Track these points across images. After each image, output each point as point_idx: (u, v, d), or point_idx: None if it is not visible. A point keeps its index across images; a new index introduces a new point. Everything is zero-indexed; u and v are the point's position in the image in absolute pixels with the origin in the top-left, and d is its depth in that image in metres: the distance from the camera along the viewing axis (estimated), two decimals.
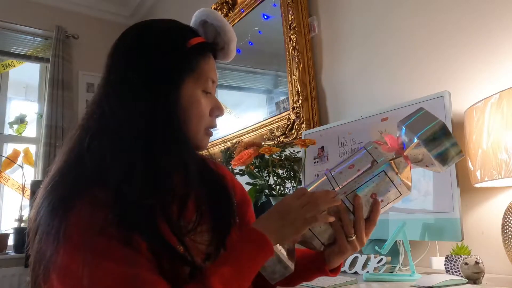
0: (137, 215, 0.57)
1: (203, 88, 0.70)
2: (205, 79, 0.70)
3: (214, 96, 0.74)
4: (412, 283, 0.98)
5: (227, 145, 2.21)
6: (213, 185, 0.75)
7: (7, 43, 3.05)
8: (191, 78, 0.68)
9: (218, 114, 0.74)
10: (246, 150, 1.60)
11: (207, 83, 0.71)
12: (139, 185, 0.58)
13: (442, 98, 1.12)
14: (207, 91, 0.71)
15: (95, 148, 0.61)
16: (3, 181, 2.78)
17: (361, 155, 0.69)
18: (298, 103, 1.77)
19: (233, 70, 2.51)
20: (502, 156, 0.87)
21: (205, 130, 0.72)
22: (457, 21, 1.26)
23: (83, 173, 0.59)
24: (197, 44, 0.70)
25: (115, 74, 0.67)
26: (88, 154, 0.60)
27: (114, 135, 0.62)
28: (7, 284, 2.51)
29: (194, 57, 0.69)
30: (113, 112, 0.64)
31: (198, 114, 0.69)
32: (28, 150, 2.78)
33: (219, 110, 0.73)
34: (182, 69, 0.68)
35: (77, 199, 0.56)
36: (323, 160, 1.50)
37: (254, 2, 2.10)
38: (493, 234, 1.07)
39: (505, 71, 1.12)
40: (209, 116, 0.72)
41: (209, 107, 0.72)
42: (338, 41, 1.69)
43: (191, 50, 0.69)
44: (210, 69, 0.72)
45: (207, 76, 0.71)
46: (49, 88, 2.98)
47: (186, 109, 0.68)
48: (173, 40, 0.69)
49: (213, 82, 0.72)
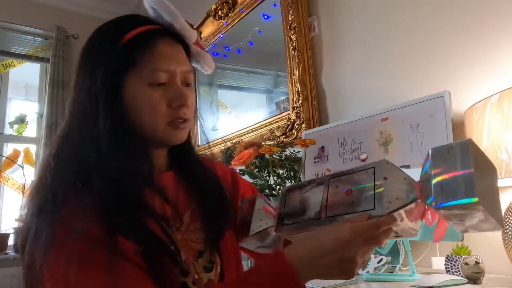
0: (121, 215, 0.57)
1: (150, 81, 0.64)
2: (149, 71, 0.64)
3: (175, 84, 0.67)
4: (412, 283, 0.98)
5: (227, 145, 2.21)
6: (204, 184, 0.74)
7: (7, 43, 3.05)
8: (132, 75, 0.65)
9: (180, 104, 0.66)
10: (246, 150, 1.60)
11: (154, 74, 0.64)
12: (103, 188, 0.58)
13: (442, 98, 1.12)
14: (156, 83, 0.65)
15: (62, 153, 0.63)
16: (4, 181, 2.78)
17: None
18: (298, 103, 1.77)
19: (233, 70, 2.51)
20: (502, 156, 0.87)
21: (168, 124, 0.66)
22: (457, 21, 1.26)
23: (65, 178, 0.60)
24: (133, 37, 0.65)
25: (74, 79, 0.69)
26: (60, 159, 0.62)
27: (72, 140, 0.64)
28: (7, 284, 2.51)
29: (131, 52, 0.64)
30: (71, 118, 0.66)
31: (149, 110, 0.65)
32: (28, 150, 2.78)
33: (178, 99, 0.66)
34: (120, 68, 0.64)
35: (62, 204, 0.57)
36: (323, 160, 1.50)
37: (254, 2, 2.10)
38: (493, 234, 1.07)
39: (505, 71, 1.12)
40: (170, 108, 0.66)
41: (164, 99, 0.65)
42: (338, 41, 1.69)
43: (127, 46, 0.64)
44: (158, 58, 0.65)
45: (151, 67, 0.64)
46: (49, 88, 2.98)
47: (134, 106, 0.65)
48: (110, 39, 0.66)
49: (166, 71, 0.65)
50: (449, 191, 0.48)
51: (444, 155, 0.50)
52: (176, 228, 0.67)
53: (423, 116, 1.16)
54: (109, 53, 0.65)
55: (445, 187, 0.48)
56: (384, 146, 1.28)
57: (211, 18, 2.45)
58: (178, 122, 0.67)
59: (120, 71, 0.64)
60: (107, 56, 0.64)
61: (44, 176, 0.62)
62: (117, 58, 0.64)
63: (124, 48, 0.64)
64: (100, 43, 0.67)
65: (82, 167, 0.60)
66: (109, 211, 0.57)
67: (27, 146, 2.84)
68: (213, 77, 2.61)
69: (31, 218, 0.59)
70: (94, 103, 0.63)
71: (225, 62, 2.44)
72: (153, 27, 0.68)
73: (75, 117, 0.65)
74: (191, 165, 0.76)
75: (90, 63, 0.66)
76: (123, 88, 0.65)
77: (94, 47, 0.67)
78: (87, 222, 0.56)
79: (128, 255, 0.56)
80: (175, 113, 0.66)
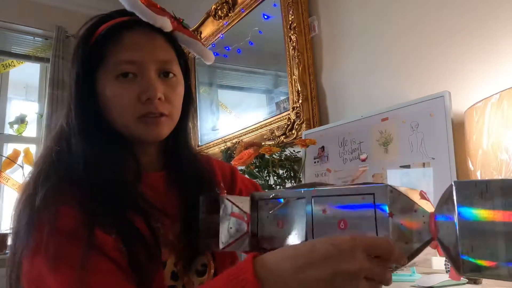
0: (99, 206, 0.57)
1: (115, 73, 0.62)
2: (114, 63, 0.62)
3: (145, 76, 0.63)
4: (412, 283, 0.98)
5: (227, 145, 2.21)
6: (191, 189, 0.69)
7: (7, 43, 3.05)
8: (101, 69, 0.64)
9: (149, 97, 0.62)
10: (246, 150, 1.60)
11: (118, 66, 0.62)
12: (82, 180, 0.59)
13: (442, 98, 1.12)
14: (121, 74, 0.62)
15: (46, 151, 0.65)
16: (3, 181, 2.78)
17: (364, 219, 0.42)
18: (298, 103, 1.77)
19: (233, 70, 2.51)
20: (503, 156, 0.87)
21: (140, 119, 0.63)
22: (457, 21, 1.26)
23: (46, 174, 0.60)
24: (102, 32, 0.64)
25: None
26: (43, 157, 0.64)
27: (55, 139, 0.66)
28: None
29: (101, 46, 0.63)
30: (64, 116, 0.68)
31: (117, 105, 0.63)
32: (28, 150, 2.77)
33: (146, 92, 0.62)
34: (89, 65, 0.64)
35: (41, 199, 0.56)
36: (323, 160, 1.50)
37: (254, 2, 2.10)
38: None
39: (505, 71, 1.12)
40: (138, 102, 0.62)
41: (132, 93, 0.62)
42: (338, 41, 1.69)
43: (98, 40, 0.64)
44: (122, 49, 0.62)
45: (116, 59, 0.62)
46: (49, 88, 2.98)
47: (105, 103, 0.64)
48: (83, 38, 0.66)
49: (130, 62, 0.62)
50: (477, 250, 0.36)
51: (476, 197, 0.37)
52: (167, 228, 0.64)
53: (423, 116, 1.17)
54: (81, 51, 0.65)
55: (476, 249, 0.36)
56: (384, 146, 1.28)
57: (211, 18, 2.45)
58: (149, 117, 0.63)
59: (91, 68, 0.64)
60: (79, 55, 0.65)
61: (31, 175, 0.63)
62: (87, 56, 0.64)
63: (94, 44, 0.64)
64: (77, 42, 0.67)
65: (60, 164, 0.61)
66: (87, 203, 0.56)
67: (27, 146, 2.83)
68: (213, 77, 2.61)
69: (16, 217, 0.60)
70: (69, 103, 0.66)
71: (225, 62, 2.44)
72: (122, 19, 0.66)
73: (60, 116, 0.68)
74: (183, 166, 0.71)
75: (70, 64, 0.68)
76: (95, 85, 0.64)
77: (75, 47, 0.68)
78: (63, 215, 0.55)
79: (105, 250, 0.54)
80: (145, 108, 0.62)
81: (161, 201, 0.65)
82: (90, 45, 0.64)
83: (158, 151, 0.71)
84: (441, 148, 1.10)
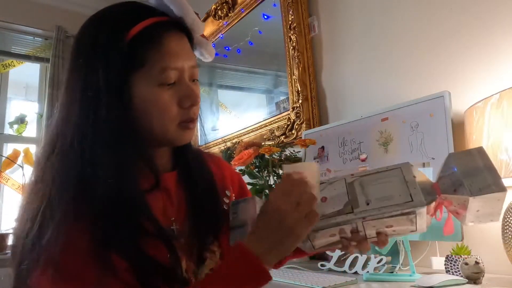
0: (116, 232, 0.54)
1: (160, 81, 0.60)
2: (159, 70, 0.59)
3: (184, 82, 0.62)
4: (412, 283, 0.98)
5: (227, 145, 2.21)
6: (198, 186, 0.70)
7: (7, 43, 3.05)
8: (140, 74, 0.59)
9: (191, 104, 0.62)
10: (246, 150, 1.60)
11: (164, 74, 0.60)
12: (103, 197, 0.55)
13: (442, 98, 1.12)
14: (167, 83, 0.60)
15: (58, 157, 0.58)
16: (3, 181, 2.78)
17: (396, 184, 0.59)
18: (298, 103, 1.77)
19: (233, 70, 2.51)
20: (502, 156, 0.87)
21: (180, 125, 0.63)
22: (457, 21, 1.26)
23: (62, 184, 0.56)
24: (139, 32, 0.59)
25: (67, 78, 0.63)
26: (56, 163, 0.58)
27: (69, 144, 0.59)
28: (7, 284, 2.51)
29: (137, 50, 0.59)
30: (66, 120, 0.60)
31: (160, 112, 0.60)
32: (28, 150, 2.77)
33: (189, 99, 0.62)
34: (123, 68, 0.59)
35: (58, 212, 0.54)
36: (323, 160, 1.50)
37: (254, 2, 2.10)
38: (493, 234, 1.07)
39: (505, 71, 1.12)
40: (180, 108, 0.62)
41: (175, 99, 0.61)
42: (338, 41, 1.69)
43: (132, 43, 0.59)
44: (167, 55, 0.60)
45: (161, 66, 0.59)
46: (49, 88, 2.97)
47: (144, 109, 0.60)
48: (108, 36, 0.60)
49: (175, 69, 0.61)
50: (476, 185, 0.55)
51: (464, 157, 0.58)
52: (179, 232, 0.65)
53: (423, 116, 1.17)
54: (112, 51, 0.58)
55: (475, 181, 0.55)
56: (384, 146, 1.28)
57: (211, 18, 2.45)
58: (188, 122, 0.63)
59: (125, 71, 0.59)
60: (111, 55, 0.58)
61: (40, 179, 0.59)
62: (122, 57, 0.58)
63: (129, 45, 0.59)
64: (99, 39, 0.60)
65: (80, 173, 0.56)
66: (105, 225, 0.54)
67: (27, 146, 2.83)
68: (213, 77, 2.61)
69: (27, 224, 0.56)
70: (95, 106, 0.58)
71: (225, 62, 2.44)
72: (158, 20, 0.62)
73: (71, 120, 0.60)
74: (191, 165, 0.72)
75: (90, 62, 0.60)
76: (129, 88, 0.59)
77: (92, 43, 0.61)
78: (81, 234, 0.53)
79: (118, 273, 0.53)
80: (185, 114, 0.63)
81: (172, 201, 0.67)
82: (125, 45, 0.59)
83: (170, 152, 0.72)
84: (441, 148, 1.10)
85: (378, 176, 0.60)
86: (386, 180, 0.59)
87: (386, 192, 0.58)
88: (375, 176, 0.60)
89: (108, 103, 0.58)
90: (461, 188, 0.56)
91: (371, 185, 0.59)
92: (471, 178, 0.55)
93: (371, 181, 0.60)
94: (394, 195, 0.57)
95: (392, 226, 0.59)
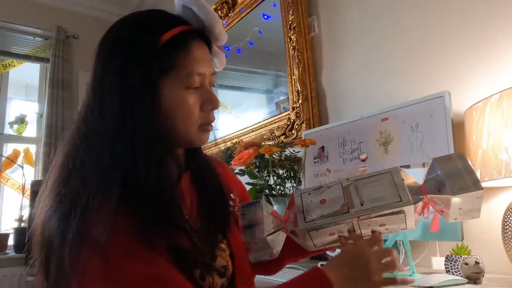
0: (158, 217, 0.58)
1: (186, 85, 0.64)
2: (186, 75, 0.64)
3: (205, 87, 0.68)
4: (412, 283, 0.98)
5: (227, 145, 2.21)
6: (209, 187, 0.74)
7: (7, 43, 3.05)
8: (169, 77, 0.64)
9: (212, 108, 0.68)
10: (246, 150, 1.60)
11: (190, 79, 0.64)
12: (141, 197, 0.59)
13: (442, 98, 1.12)
14: (192, 87, 0.65)
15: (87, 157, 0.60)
16: (3, 181, 2.78)
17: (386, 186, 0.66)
18: (298, 103, 1.77)
19: (233, 70, 2.51)
20: (502, 156, 0.87)
21: (200, 127, 0.68)
22: (457, 21, 1.26)
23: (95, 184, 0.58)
24: (171, 38, 0.64)
25: (94, 78, 0.65)
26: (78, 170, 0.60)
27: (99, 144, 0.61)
28: (7, 284, 2.51)
29: (168, 54, 0.63)
30: (95, 121, 0.62)
31: (184, 114, 0.65)
32: (28, 150, 2.77)
33: (211, 103, 0.67)
34: (157, 70, 0.63)
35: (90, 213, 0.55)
36: (323, 160, 1.50)
37: (254, 2, 2.10)
38: (493, 234, 1.07)
39: (505, 71, 1.12)
40: (202, 111, 0.67)
41: (198, 103, 0.66)
42: (338, 41, 1.69)
43: (164, 47, 0.63)
44: (193, 61, 0.65)
45: (188, 71, 0.64)
46: (49, 88, 2.98)
47: (170, 110, 0.64)
48: (143, 39, 0.64)
49: (199, 74, 0.66)
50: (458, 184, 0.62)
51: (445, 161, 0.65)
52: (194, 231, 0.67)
53: (423, 116, 1.16)
54: (149, 54, 0.63)
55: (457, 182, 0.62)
56: (384, 146, 1.28)
57: None
58: (207, 125, 0.68)
59: (156, 73, 0.63)
60: (146, 57, 0.62)
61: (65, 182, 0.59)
62: (155, 60, 0.63)
63: (161, 50, 0.63)
64: (136, 42, 0.64)
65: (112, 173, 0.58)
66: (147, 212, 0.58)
67: (27, 146, 2.84)
68: None
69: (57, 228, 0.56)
70: (128, 106, 0.61)
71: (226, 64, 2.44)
72: (186, 28, 0.66)
73: (100, 120, 0.62)
74: (202, 167, 0.76)
75: (127, 63, 0.63)
76: (158, 90, 0.63)
77: (128, 46, 0.64)
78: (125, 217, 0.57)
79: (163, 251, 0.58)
80: (206, 117, 0.68)
81: (185, 201, 0.70)
82: (158, 49, 0.63)
83: (183, 154, 0.75)
84: (441, 148, 1.10)
85: (370, 180, 0.67)
86: (378, 183, 0.66)
87: (378, 193, 0.65)
88: (367, 180, 0.67)
89: (145, 103, 0.62)
90: (444, 188, 0.62)
91: (364, 188, 0.66)
92: (453, 179, 0.62)
93: (364, 185, 0.67)
94: (385, 196, 0.64)
95: (385, 225, 0.66)
